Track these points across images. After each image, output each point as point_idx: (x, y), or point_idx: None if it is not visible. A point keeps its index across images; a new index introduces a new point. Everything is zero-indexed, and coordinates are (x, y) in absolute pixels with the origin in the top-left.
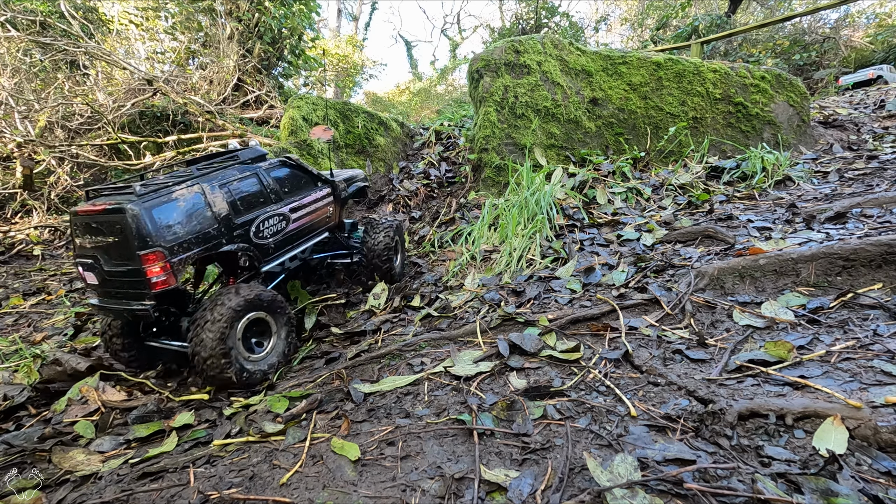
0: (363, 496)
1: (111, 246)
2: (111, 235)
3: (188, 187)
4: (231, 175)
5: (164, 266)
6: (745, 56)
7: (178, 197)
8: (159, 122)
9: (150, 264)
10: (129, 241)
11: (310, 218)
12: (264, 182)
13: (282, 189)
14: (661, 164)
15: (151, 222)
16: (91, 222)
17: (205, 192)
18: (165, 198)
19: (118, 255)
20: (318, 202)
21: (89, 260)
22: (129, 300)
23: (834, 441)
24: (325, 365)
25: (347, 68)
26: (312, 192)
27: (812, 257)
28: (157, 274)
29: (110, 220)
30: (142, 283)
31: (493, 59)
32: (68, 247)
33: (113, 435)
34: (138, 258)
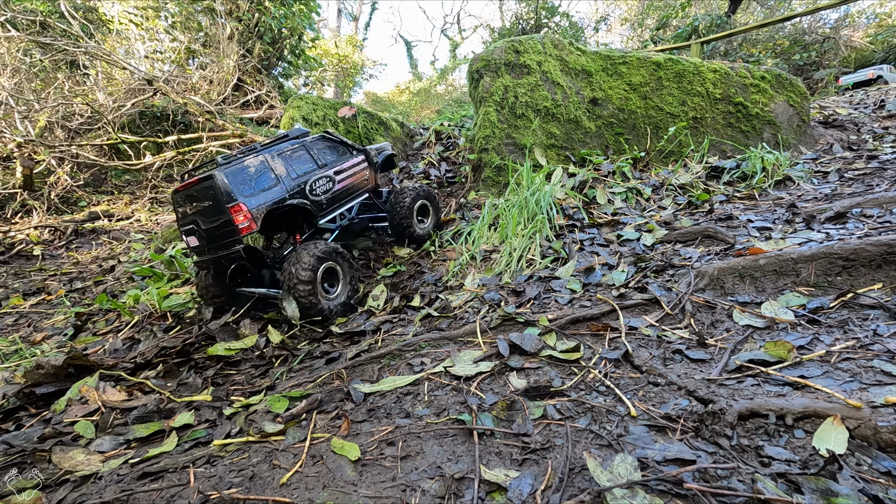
0: (363, 496)
1: (206, 208)
2: (205, 199)
3: (254, 157)
4: (285, 147)
5: (245, 214)
6: (745, 56)
7: (249, 164)
8: (159, 122)
9: (236, 213)
10: (218, 198)
11: (351, 180)
12: (311, 151)
13: (326, 156)
14: (661, 164)
15: (233, 182)
16: (189, 194)
17: (267, 159)
18: (239, 164)
19: (213, 213)
20: (355, 167)
21: (190, 226)
22: (225, 248)
23: (834, 441)
24: (325, 365)
25: (347, 68)
26: (350, 159)
27: (812, 257)
28: (242, 221)
29: (204, 187)
30: (233, 231)
31: (493, 59)
32: (68, 247)
33: (113, 435)
34: (227, 210)
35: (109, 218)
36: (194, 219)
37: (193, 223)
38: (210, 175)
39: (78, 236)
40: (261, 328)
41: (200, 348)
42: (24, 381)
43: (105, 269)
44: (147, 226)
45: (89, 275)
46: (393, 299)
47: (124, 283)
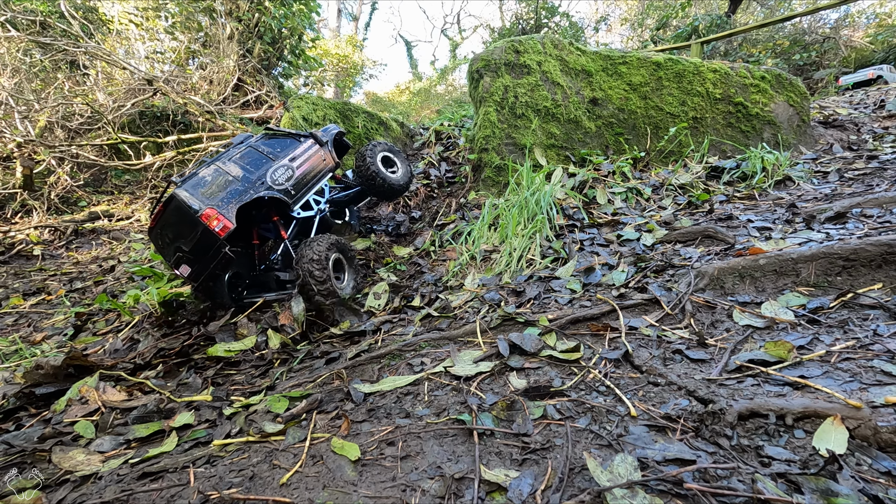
0: (363, 496)
1: (181, 229)
2: (177, 221)
3: (206, 167)
4: (233, 152)
5: (217, 217)
6: (745, 56)
7: (203, 174)
8: (159, 122)
9: (208, 219)
10: (188, 213)
11: (308, 164)
12: (258, 149)
13: (276, 150)
14: (661, 164)
15: (194, 194)
16: (162, 224)
17: (219, 166)
18: (195, 178)
19: (189, 231)
20: (307, 150)
21: (177, 255)
22: (213, 257)
23: (834, 441)
24: (325, 365)
25: (347, 68)
26: (300, 145)
27: (812, 257)
28: (216, 224)
29: (171, 210)
30: (212, 237)
31: (493, 59)
32: (68, 247)
33: (113, 435)
34: (199, 220)
35: (109, 218)
36: (177, 246)
37: (178, 251)
38: (171, 196)
39: (78, 236)
40: (260, 330)
41: (200, 349)
42: (23, 381)
43: (105, 269)
44: (147, 226)
45: (89, 275)
46: (393, 300)
47: (124, 283)
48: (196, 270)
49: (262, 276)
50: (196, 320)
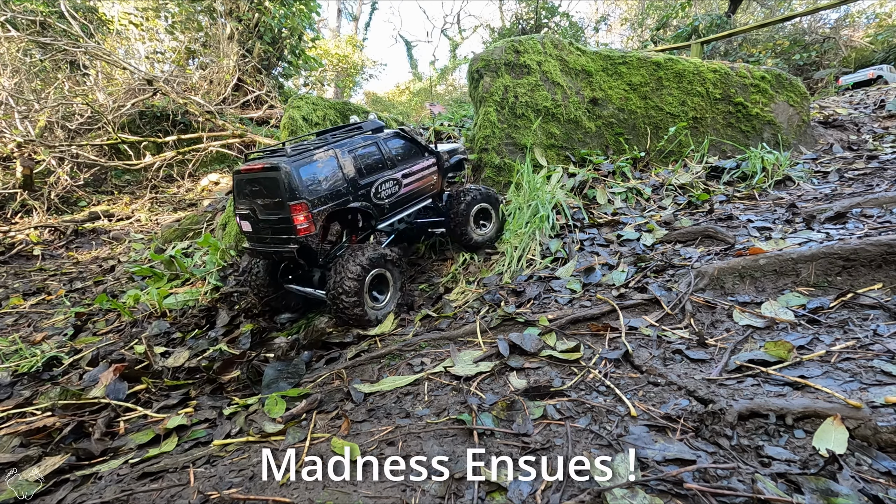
0: (363, 496)
1: (267, 198)
2: (267, 189)
3: (325, 151)
4: (357, 143)
5: (307, 215)
6: (745, 56)
7: (318, 159)
8: (159, 122)
9: (297, 213)
10: (282, 193)
11: (418, 184)
12: (383, 150)
13: (396, 157)
14: (661, 164)
15: (299, 178)
16: (251, 178)
17: (337, 156)
18: (308, 159)
19: (273, 206)
20: (425, 170)
21: (247, 210)
22: (279, 245)
23: (834, 441)
24: (325, 365)
25: (347, 68)
26: (421, 161)
27: (812, 257)
28: (302, 222)
29: (268, 177)
30: (290, 229)
31: (493, 59)
32: (68, 247)
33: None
34: (289, 207)
35: (109, 218)
36: (252, 205)
37: (250, 209)
38: (276, 166)
39: (78, 236)
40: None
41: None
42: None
43: (105, 269)
44: (147, 226)
45: (89, 275)
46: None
47: (124, 283)
48: (254, 236)
49: (308, 271)
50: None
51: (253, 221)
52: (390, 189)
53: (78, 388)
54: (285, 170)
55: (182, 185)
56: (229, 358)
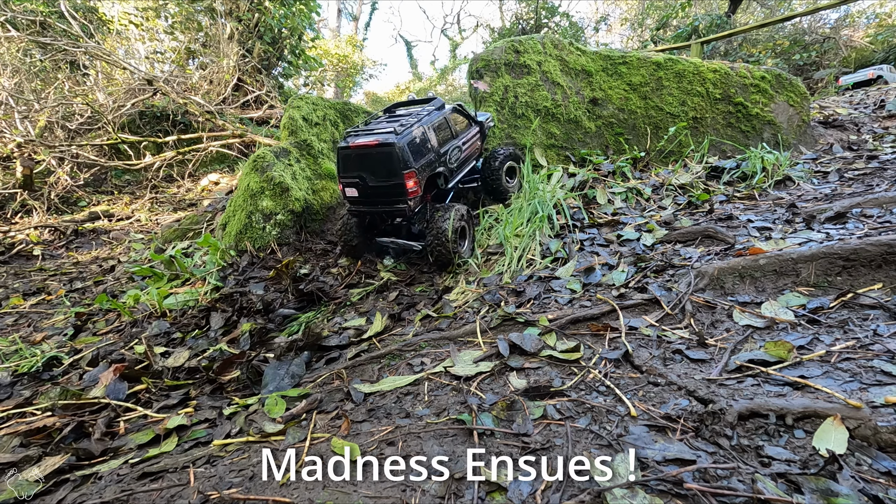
0: (363, 496)
1: (379, 169)
2: (380, 162)
3: (418, 127)
4: (435, 118)
5: (416, 180)
6: (745, 56)
7: (415, 135)
8: (159, 122)
9: (409, 179)
10: (395, 164)
11: (470, 149)
12: (450, 123)
13: (457, 128)
14: (661, 164)
15: (407, 151)
16: (362, 154)
17: (425, 130)
18: (409, 135)
19: (386, 175)
20: (474, 137)
21: (355, 179)
22: (391, 205)
23: (834, 441)
24: (325, 365)
25: (347, 68)
26: (471, 130)
27: (812, 257)
28: (412, 186)
29: (382, 152)
30: (403, 192)
31: (493, 59)
32: (68, 247)
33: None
34: (402, 175)
35: (109, 218)
36: (361, 174)
37: (359, 178)
38: (391, 143)
39: (78, 236)
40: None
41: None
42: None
43: (105, 269)
44: (147, 226)
45: (89, 275)
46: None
47: (124, 283)
48: (362, 200)
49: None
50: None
51: (361, 188)
52: (456, 155)
53: (78, 388)
54: (399, 146)
55: (182, 185)
56: (229, 358)
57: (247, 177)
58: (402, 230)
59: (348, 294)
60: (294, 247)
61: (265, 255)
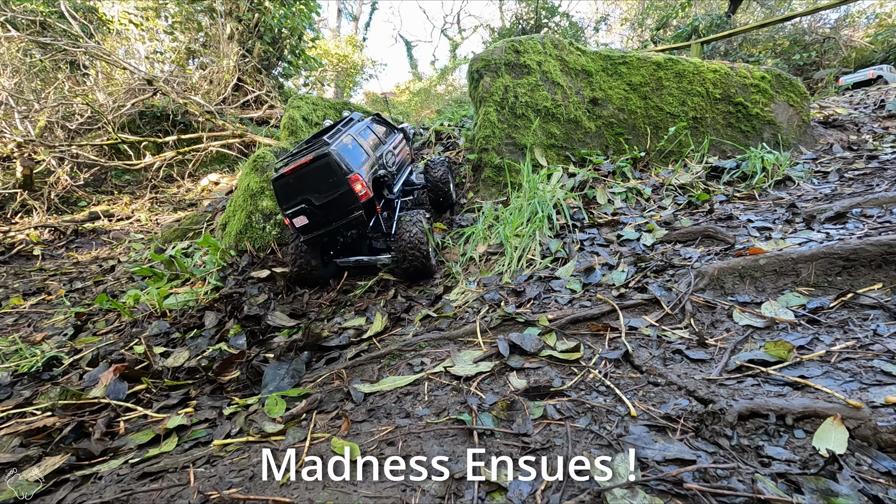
0: (363, 496)
1: (322, 184)
2: (321, 176)
3: (346, 136)
4: (360, 126)
5: (362, 183)
6: (745, 56)
7: (346, 142)
8: (159, 122)
9: (355, 182)
10: (337, 173)
11: (401, 154)
12: (374, 131)
13: (382, 135)
14: (661, 164)
15: (345, 156)
16: (299, 176)
17: (354, 137)
18: (341, 142)
19: (330, 187)
20: (401, 143)
21: (300, 206)
22: (345, 216)
23: (834, 441)
24: (325, 365)
25: (347, 68)
26: (397, 136)
27: (812, 257)
28: (360, 189)
29: (318, 166)
30: (353, 199)
31: (493, 59)
32: (68, 247)
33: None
34: (347, 181)
35: (109, 218)
36: (306, 198)
37: (304, 202)
38: (326, 154)
39: (78, 236)
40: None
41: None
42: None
43: (105, 269)
44: (147, 226)
45: (89, 275)
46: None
47: (124, 283)
48: (313, 224)
49: (352, 243)
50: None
51: (309, 212)
52: (391, 158)
53: (78, 388)
54: (334, 152)
55: (182, 185)
56: (229, 358)
57: (247, 177)
58: (363, 247)
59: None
60: None
61: (265, 255)
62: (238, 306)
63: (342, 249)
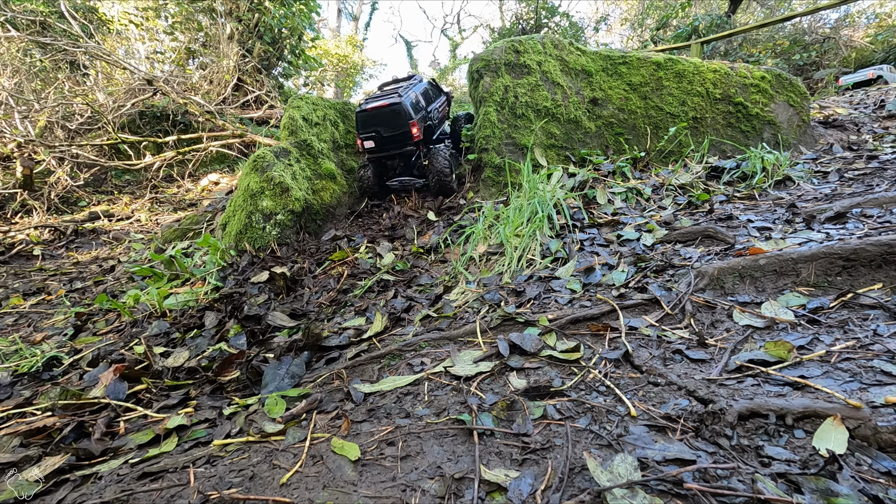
0: (363, 496)
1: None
2: (390, 117)
3: (413, 91)
4: (420, 87)
5: (418, 128)
6: (745, 56)
7: (411, 95)
8: (159, 122)
9: (413, 126)
10: (403, 117)
11: (443, 111)
12: (429, 91)
13: (433, 94)
14: (661, 164)
15: (410, 107)
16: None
17: (416, 94)
18: (408, 97)
19: (396, 126)
20: (443, 103)
21: (371, 133)
22: (402, 147)
23: (834, 441)
24: (325, 365)
25: (347, 68)
26: (442, 97)
27: (812, 257)
28: (416, 132)
29: (392, 110)
30: (410, 137)
31: (493, 59)
32: (68, 247)
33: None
34: (409, 125)
35: (109, 218)
36: (377, 129)
37: (375, 132)
38: (399, 102)
39: (78, 236)
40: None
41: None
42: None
43: (105, 269)
44: (147, 226)
45: (89, 275)
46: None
47: (124, 283)
48: (378, 148)
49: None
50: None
51: (377, 139)
52: (436, 114)
53: (78, 388)
54: (404, 104)
55: (182, 185)
56: (229, 357)
57: (247, 177)
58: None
59: (335, 310)
60: (293, 247)
61: (265, 255)
62: (238, 306)
63: (391, 174)
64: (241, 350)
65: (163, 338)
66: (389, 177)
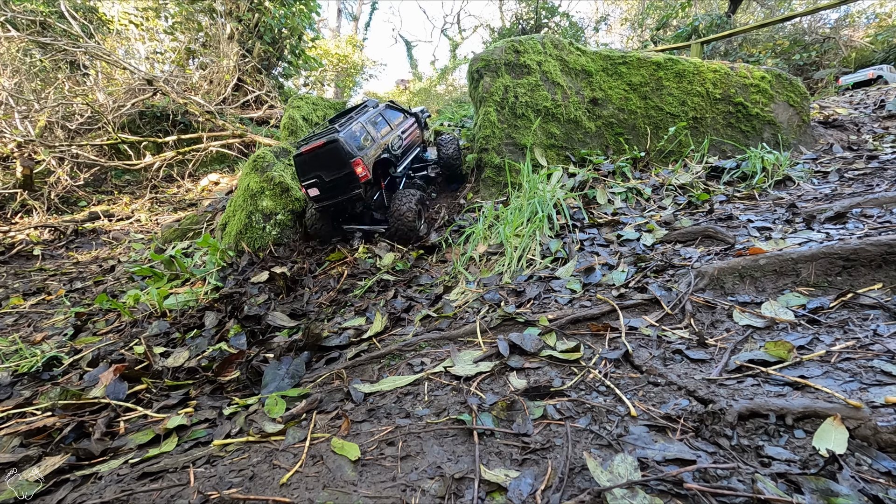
0: (363, 496)
1: (331, 164)
2: (330, 158)
3: (356, 123)
4: (371, 114)
5: (363, 167)
6: (745, 56)
7: (354, 129)
8: (159, 122)
9: (357, 166)
10: (342, 156)
11: (410, 138)
12: (384, 117)
13: (393, 120)
14: (661, 164)
15: (350, 143)
16: (313, 155)
17: (363, 124)
18: (350, 130)
19: (336, 167)
20: (411, 127)
21: (313, 179)
22: (346, 193)
23: (834, 441)
24: (325, 365)
25: (347, 68)
26: (408, 121)
27: (812, 257)
28: (361, 172)
29: (329, 149)
30: (354, 179)
31: (493, 59)
32: (68, 247)
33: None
34: (350, 164)
35: (109, 218)
36: (317, 174)
37: (316, 178)
38: (335, 139)
39: (78, 236)
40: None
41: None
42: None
43: (105, 269)
44: (147, 226)
45: (89, 275)
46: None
47: (124, 283)
48: (323, 196)
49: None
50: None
51: (320, 185)
52: (398, 143)
53: (78, 388)
54: (341, 140)
55: (182, 186)
56: (229, 357)
57: (247, 177)
58: (366, 218)
59: (335, 309)
60: (293, 247)
61: (265, 255)
62: (238, 306)
63: (349, 217)
64: (241, 350)
65: (163, 338)
66: (346, 219)
